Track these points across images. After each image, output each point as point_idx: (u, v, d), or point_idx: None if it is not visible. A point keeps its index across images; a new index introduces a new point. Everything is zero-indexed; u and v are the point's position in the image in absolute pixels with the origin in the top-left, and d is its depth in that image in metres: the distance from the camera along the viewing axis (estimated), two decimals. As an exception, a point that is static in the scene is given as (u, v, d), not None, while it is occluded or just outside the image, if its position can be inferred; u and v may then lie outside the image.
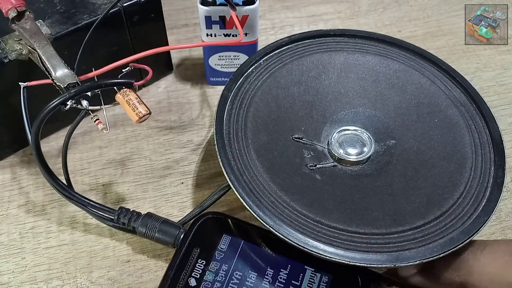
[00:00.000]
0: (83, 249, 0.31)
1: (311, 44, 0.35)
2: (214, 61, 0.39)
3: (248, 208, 0.26)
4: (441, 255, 0.25)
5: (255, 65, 0.33)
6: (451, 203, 0.27)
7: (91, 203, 0.30)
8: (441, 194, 0.28)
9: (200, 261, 0.27)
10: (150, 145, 0.37)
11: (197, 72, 0.42)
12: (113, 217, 0.30)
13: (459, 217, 0.27)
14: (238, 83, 0.32)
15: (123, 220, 0.30)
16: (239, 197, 0.27)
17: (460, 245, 0.25)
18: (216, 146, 0.29)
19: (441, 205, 0.27)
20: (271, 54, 0.34)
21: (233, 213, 0.33)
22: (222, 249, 0.28)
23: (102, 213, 0.30)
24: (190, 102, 0.40)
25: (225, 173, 0.28)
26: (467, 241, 0.26)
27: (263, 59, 0.34)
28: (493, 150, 0.30)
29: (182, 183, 0.35)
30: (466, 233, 0.26)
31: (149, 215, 0.30)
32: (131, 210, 0.30)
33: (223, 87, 0.32)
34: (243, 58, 0.38)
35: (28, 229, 0.32)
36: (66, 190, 0.30)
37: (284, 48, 0.35)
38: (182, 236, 0.28)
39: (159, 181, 0.35)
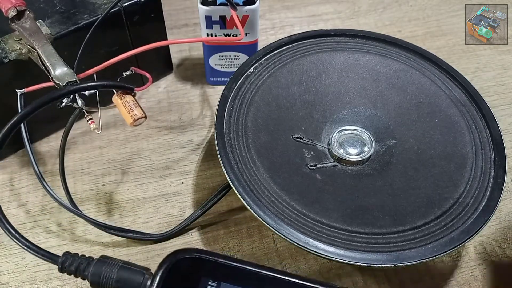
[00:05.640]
0: (83, 249, 0.31)
1: (312, 44, 0.35)
2: (214, 61, 0.39)
3: (249, 207, 0.26)
4: (442, 255, 0.25)
5: (256, 65, 0.33)
6: (452, 203, 0.27)
7: (33, 247, 0.25)
8: (441, 194, 0.28)
9: None
10: (150, 145, 0.37)
11: (197, 72, 0.42)
12: (56, 266, 0.24)
13: (460, 217, 0.27)
14: (239, 83, 0.32)
15: (69, 269, 0.24)
16: (239, 196, 0.27)
17: (460, 245, 0.25)
18: (216, 145, 0.29)
19: (441, 204, 0.27)
20: (272, 54, 0.34)
21: (233, 213, 0.33)
22: None
23: (46, 259, 0.25)
24: (190, 102, 0.40)
25: (225, 172, 0.28)
26: (467, 241, 0.26)
27: (264, 59, 0.34)
28: (493, 150, 0.30)
29: (182, 183, 0.35)
30: (467, 233, 0.26)
31: (102, 260, 0.24)
32: (79, 256, 0.24)
33: (223, 87, 0.32)
34: (243, 58, 0.38)
35: (28, 229, 0.32)
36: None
37: (284, 48, 0.35)
38: (148, 284, 0.23)
39: (159, 181, 0.35)
